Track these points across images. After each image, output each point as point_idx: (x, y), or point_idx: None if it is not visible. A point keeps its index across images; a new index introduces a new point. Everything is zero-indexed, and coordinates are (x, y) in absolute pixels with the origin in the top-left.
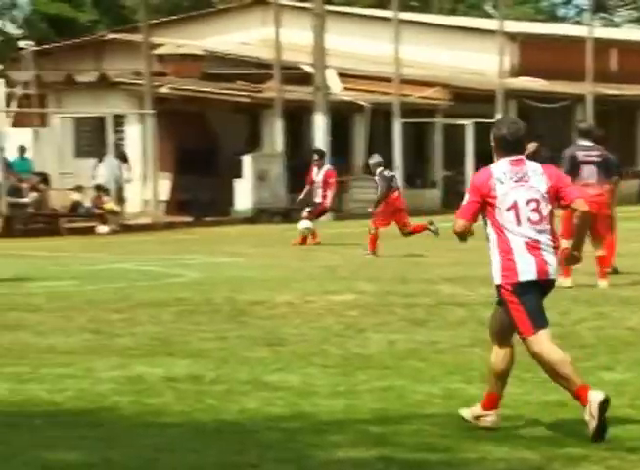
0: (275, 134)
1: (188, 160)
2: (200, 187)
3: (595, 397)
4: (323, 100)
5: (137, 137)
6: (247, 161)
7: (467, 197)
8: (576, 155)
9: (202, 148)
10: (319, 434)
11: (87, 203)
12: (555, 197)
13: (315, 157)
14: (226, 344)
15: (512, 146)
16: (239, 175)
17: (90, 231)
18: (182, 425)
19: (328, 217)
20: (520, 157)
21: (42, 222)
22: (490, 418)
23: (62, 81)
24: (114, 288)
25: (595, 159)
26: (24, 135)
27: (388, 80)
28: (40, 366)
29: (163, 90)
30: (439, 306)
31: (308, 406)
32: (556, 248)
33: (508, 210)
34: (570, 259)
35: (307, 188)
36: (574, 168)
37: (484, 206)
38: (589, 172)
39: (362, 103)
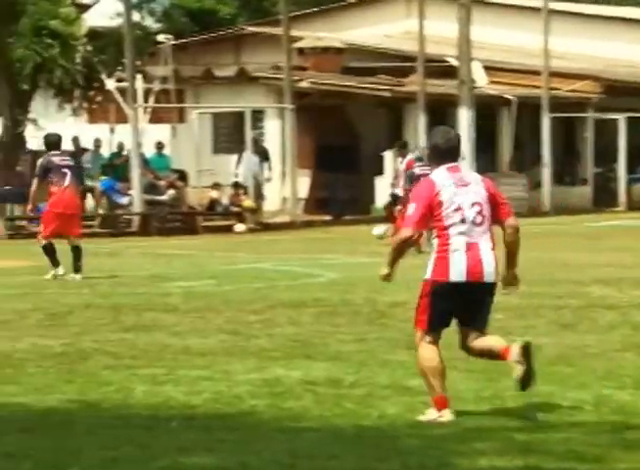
0: (418, 130)
1: (327, 156)
2: (339, 184)
3: (514, 349)
4: (468, 94)
5: (276, 133)
6: (388, 157)
7: (412, 206)
8: None
9: (342, 144)
10: (462, 441)
11: (225, 200)
12: (492, 207)
13: (396, 147)
14: (366, 346)
15: (446, 154)
16: (380, 172)
17: (228, 230)
18: (320, 430)
19: None
20: (455, 164)
21: (179, 221)
22: (447, 417)
23: (200, 76)
24: (252, 288)
25: None
26: (162, 131)
27: (536, 73)
28: (176, 368)
29: (303, 84)
30: (589, 309)
31: (452, 412)
32: (495, 255)
33: (454, 212)
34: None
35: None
36: None
37: (431, 214)
38: None
39: (509, 97)
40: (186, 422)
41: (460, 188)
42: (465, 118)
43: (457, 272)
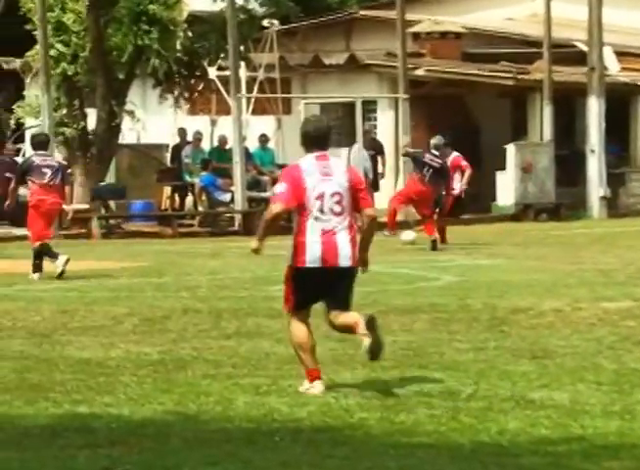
0: (543, 121)
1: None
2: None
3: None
4: (598, 82)
5: (389, 125)
6: (510, 151)
7: (282, 185)
8: None
9: (460, 136)
10: (590, 459)
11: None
12: (353, 197)
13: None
14: (485, 356)
15: (315, 142)
16: (502, 167)
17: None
18: (435, 446)
19: (601, 212)
20: (324, 153)
21: (283, 219)
22: (317, 388)
23: (307, 64)
24: (363, 292)
25: None
26: (266, 123)
27: None
28: (281, 378)
29: (419, 72)
30: None
31: (578, 428)
32: (353, 238)
33: (315, 200)
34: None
35: None
36: None
37: (297, 195)
38: None
39: None
40: (290, 436)
41: (324, 177)
42: (594, 108)
43: (313, 259)
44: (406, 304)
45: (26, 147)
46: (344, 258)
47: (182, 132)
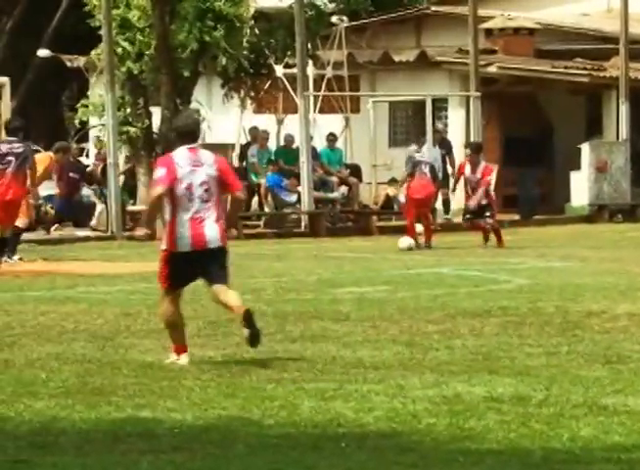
0: (619, 119)
1: (516, 149)
2: (529, 181)
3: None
4: None
5: (460, 123)
6: (585, 150)
7: (160, 171)
8: None
9: (533, 135)
10: None
11: (402, 198)
12: (222, 183)
13: (467, 151)
14: (557, 360)
15: (185, 136)
16: (576, 167)
17: (405, 230)
18: (504, 452)
19: None
20: (194, 145)
21: (351, 220)
22: (183, 360)
23: (377, 61)
24: (430, 295)
25: None
26: (334, 122)
27: None
28: (347, 382)
29: (491, 70)
30: None
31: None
32: (220, 221)
33: (185, 189)
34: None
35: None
36: None
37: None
38: None
39: None
40: (356, 442)
41: (193, 168)
42: None
43: (183, 244)
44: (476, 307)
45: (90, 146)
46: (213, 240)
47: (254, 131)
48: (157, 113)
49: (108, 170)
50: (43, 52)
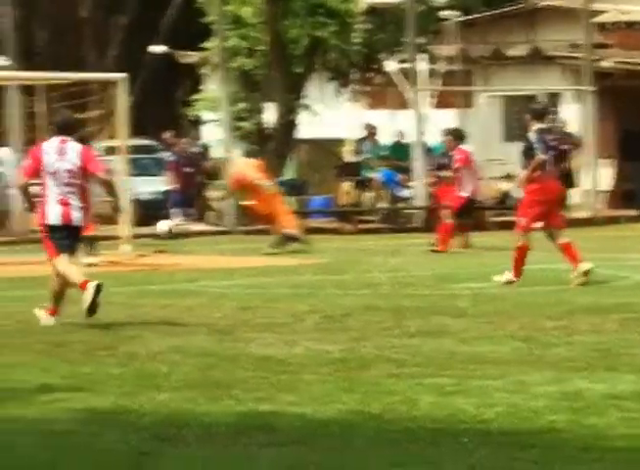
0: None
1: (634, 144)
2: None
3: (91, 285)
4: None
5: (574, 118)
6: None
7: (27, 162)
8: None
9: None
10: None
11: (516, 193)
12: (85, 169)
13: (450, 138)
14: None
15: (61, 130)
16: None
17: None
18: (626, 449)
19: None
20: (65, 138)
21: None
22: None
23: (489, 56)
24: (547, 291)
25: None
26: (447, 117)
27: None
28: (466, 378)
29: (605, 64)
30: None
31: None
32: (83, 206)
33: (51, 174)
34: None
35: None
36: None
37: (39, 170)
38: None
39: None
40: (478, 438)
41: (60, 156)
42: None
43: (55, 218)
44: (594, 303)
45: (204, 141)
46: (75, 219)
47: (367, 127)
48: (269, 108)
49: (223, 166)
50: (157, 48)
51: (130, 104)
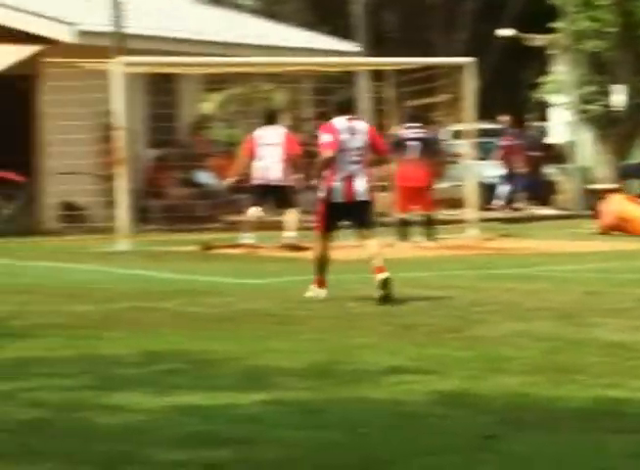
0: None
1: None
2: None
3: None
4: None
5: None
6: None
7: (326, 137)
8: None
9: None
10: None
11: None
12: (373, 147)
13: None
14: None
15: (344, 109)
16: None
17: None
18: None
19: None
20: (350, 116)
21: None
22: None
23: None
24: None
25: None
26: None
27: None
28: None
29: None
30: None
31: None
32: (368, 181)
33: (341, 151)
34: None
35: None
36: None
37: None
38: None
39: None
40: None
41: (351, 135)
42: None
43: (338, 195)
44: None
45: (549, 125)
46: (360, 194)
47: None
48: (616, 91)
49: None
50: (504, 32)
51: (477, 88)
